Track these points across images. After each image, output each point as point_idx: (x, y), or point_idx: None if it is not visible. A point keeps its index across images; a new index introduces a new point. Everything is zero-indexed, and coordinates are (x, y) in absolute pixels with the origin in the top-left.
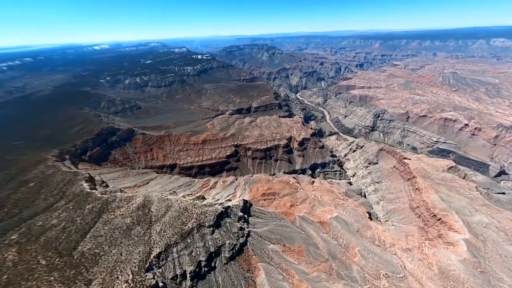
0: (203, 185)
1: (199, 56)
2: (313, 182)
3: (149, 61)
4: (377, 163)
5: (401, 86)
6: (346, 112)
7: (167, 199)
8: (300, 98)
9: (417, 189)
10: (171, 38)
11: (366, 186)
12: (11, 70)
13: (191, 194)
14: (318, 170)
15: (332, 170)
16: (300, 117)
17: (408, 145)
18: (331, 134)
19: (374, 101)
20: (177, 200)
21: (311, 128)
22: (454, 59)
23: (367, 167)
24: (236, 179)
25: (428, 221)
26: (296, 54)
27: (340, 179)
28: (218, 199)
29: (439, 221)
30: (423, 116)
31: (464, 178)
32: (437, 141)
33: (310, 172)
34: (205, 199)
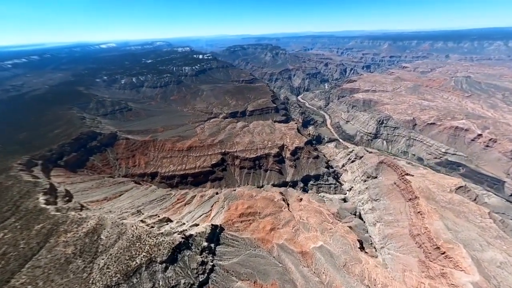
0: (178, 200)
1: (200, 56)
2: (301, 199)
3: (150, 61)
4: (376, 177)
5: (409, 90)
6: (347, 117)
7: (122, 223)
8: (302, 100)
9: (419, 212)
10: (178, 37)
11: (362, 203)
12: (15, 68)
13: (156, 215)
14: (311, 182)
15: (327, 183)
16: (296, 123)
17: (414, 155)
18: (330, 140)
19: (378, 106)
20: (132, 226)
21: (309, 134)
22: (468, 61)
23: (365, 181)
24: (217, 193)
25: (430, 253)
26: (300, 55)
27: (335, 193)
28: (186, 222)
29: (443, 255)
30: (431, 124)
31: (475, 200)
32: (446, 152)
33: (302, 184)
34: (170, 221)
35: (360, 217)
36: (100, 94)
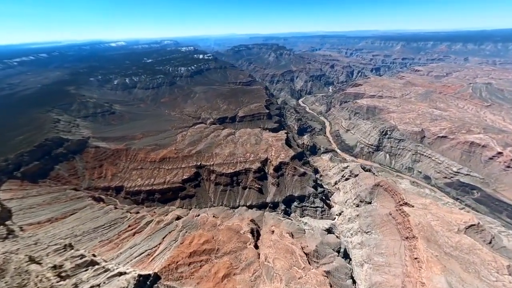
0: (129, 226)
1: (201, 56)
2: (273, 231)
3: (150, 60)
4: (370, 202)
5: (420, 96)
6: (348, 126)
7: (26, 271)
8: (302, 104)
9: (416, 259)
10: (187, 36)
11: (351, 234)
12: (21, 65)
13: (80, 257)
14: (295, 204)
15: (312, 205)
16: (286, 132)
17: (420, 172)
18: (326, 151)
19: (383, 114)
20: (37, 276)
21: (303, 144)
22: (490, 65)
23: (357, 205)
24: (178, 218)
25: None
26: (306, 55)
27: (322, 218)
28: (116, 266)
29: None
30: (442, 137)
31: (490, 243)
32: (458, 172)
33: (283, 206)
34: (96, 264)
35: (346, 253)
36: (89, 94)
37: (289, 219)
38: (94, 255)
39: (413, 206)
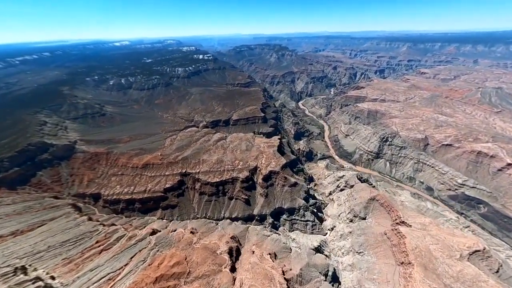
0: (97, 242)
1: (200, 56)
2: (253, 252)
3: (149, 60)
4: (364, 218)
5: (424, 101)
6: (347, 131)
7: None
8: (302, 107)
9: None
10: (191, 35)
11: (342, 254)
12: (23, 64)
13: (32, 282)
14: (284, 217)
15: (303, 219)
16: (279, 138)
17: (422, 183)
18: (323, 157)
19: (385, 119)
20: None
21: (299, 150)
22: (501, 68)
23: (351, 220)
24: (153, 233)
25: None
26: (308, 56)
27: (312, 232)
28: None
29: None
30: (447, 145)
31: (497, 271)
32: (463, 184)
33: (271, 219)
34: None
35: (335, 275)
36: (83, 95)
37: (277, 233)
38: (53, 277)
39: (410, 226)
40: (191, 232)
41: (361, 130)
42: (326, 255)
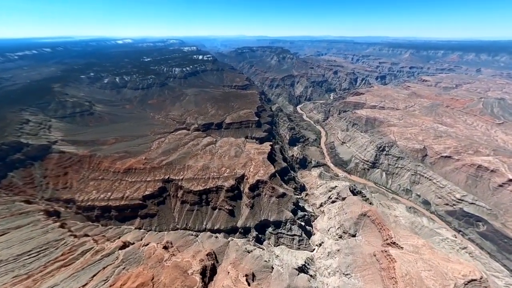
0: (62, 255)
1: (200, 57)
2: (229, 272)
3: (148, 59)
4: (354, 235)
5: (424, 109)
6: (344, 138)
7: None
8: (300, 111)
9: None
10: (195, 35)
11: (328, 274)
12: (22, 59)
13: None
14: (270, 230)
15: (289, 233)
16: (271, 144)
17: (419, 196)
18: (318, 165)
19: (383, 127)
20: None
21: (293, 156)
22: (504, 78)
23: (340, 236)
24: (124, 246)
25: None
26: (310, 60)
27: (299, 248)
28: None
29: None
30: (446, 157)
31: None
32: (462, 200)
33: (255, 233)
34: None
35: None
36: (75, 92)
37: (261, 248)
38: None
39: (402, 248)
40: (164, 247)
41: (358, 137)
42: (311, 275)
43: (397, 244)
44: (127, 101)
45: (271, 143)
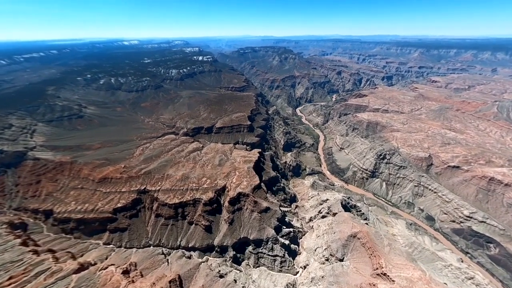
0: (10, 278)
1: (200, 58)
2: None
3: (148, 60)
4: (342, 259)
5: (432, 113)
6: (342, 143)
7: None
8: (299, 113)
9: None
10: (201, 36)
11: None
12: (27, 61)
13: None
14: (250, 249)
15: (271, 253)
16: (259, 152)
17: (422, 210)
18: (312, 173)
19: (385, 133)
20: None
21: (286, 163)
22: None
23: (327, 259)
24: (82, 268)
25: None
26: (313, 60)
27: (281, 270)
28: None
29: None
30: (454, 167)
31: None
32: (471, 217)
33: (233, 253)
34: None
35: None
36: (69, 95)
37: (238, 269)
38: None
39: (393, 282)
40: (125, 271)
41: (357, 144)
42: None
43: (388, 276)
44: (119, 103)
45: (259, 150)
